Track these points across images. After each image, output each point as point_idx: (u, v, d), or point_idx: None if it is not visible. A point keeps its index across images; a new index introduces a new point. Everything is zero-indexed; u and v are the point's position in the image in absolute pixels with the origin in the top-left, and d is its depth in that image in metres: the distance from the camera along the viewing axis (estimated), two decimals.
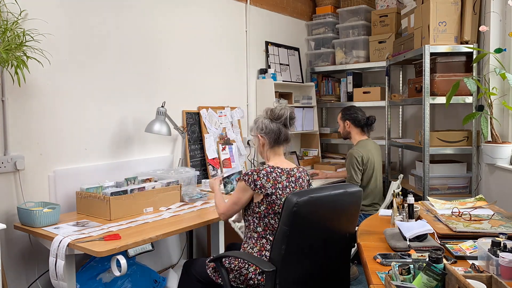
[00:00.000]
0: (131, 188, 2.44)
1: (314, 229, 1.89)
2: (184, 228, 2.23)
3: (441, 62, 3.39)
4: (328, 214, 1.92)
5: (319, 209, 1.87)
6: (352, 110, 3.43)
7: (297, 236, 1.83)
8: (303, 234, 1.85)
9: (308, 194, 1.82)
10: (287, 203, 1.80)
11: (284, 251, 1.81)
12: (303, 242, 1.87)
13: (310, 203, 1.81)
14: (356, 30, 4.32)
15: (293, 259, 1.86)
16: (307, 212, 1.81)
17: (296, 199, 1.78)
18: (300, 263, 1.89)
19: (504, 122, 3.14)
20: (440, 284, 1.30)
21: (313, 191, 1.87)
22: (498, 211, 2.31)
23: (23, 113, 2.39)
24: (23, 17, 2.33)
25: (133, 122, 2.98)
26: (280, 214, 1.83)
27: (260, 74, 4.04)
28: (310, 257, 1.92)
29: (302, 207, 1.78)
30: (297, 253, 1.87)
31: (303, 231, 1.85)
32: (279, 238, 1.83)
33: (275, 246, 1.85)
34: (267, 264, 1.85)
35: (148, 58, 3.07)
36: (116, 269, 1.97)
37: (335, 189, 1.93)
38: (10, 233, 2.35)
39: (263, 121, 2.16)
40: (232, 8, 3.78)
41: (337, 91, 4.57)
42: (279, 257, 1.83)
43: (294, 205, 1.77)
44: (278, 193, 2.03)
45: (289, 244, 1.82)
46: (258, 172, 2.04)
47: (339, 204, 1.94)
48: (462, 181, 3.46)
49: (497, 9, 3.12)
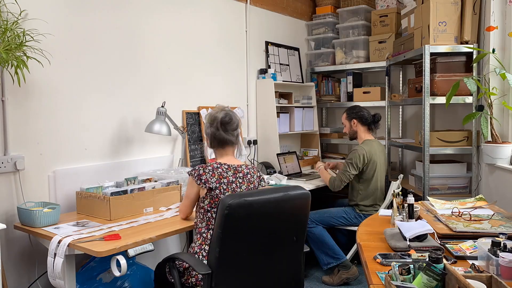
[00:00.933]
0: (131, 188, 2.44)
1: (251, 233, 1.83)
2: (184, 228, 2.23)
3: (441, 62, 3.39)
4: (267, 218, 1.85)
5: (255, 213, 1.81)
6: (357, 108, 3.42)
7: (231, 239, 1.79)
8: (237, 237, 1.80)
9: (242, 197, 1.77)
10: (220, 204, 1.76)
11: (218, 253, 1.78)
12: (238, 245, 1.82)
13: (244, 206, 1.76)
14: (356, 30, 4.31)
15: (229, 262, 1.81)
16: (240, 215, 1.76)
17: (229, 201, 1.73)
18: (238, 267, 1.85)
19: (504, 122, 3.14)
20: (440, 284, 1.30)
21: (249, 194, 1.83)
22: (498, 211, 2.31)
23: (23, 113, 2.39)
24: (23, 17, 2.33)
25: (133, 122, 2.98)
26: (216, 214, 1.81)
27: (260, 74, 4.04)
28: (250, 262, 1.87)
29: (235, 210, 1.73)
30: (233, 257, 1.82)
31: (238, 234, 1.80)
32: (213, 240, 1.81)
33: (211, 248, 1.84)
34: (203, 267, 1.84)
35: (148, 58, 3.07)
36: (116, 269, 1.97)
37: (275, 192, 1.87)
38: (10, 233, 2.35)
39: (205, 125, 2.27)
40: (232, 8, 3.78)
41: (337, 91, 4.57)
42: (214, 259, 1.80)
43: (226, 207, 1.73)
44: (223, 188, 2.07)
45: (223, 247, 1.78)
46: (204, 168, 2.10)
47: (280, 207, 1.87)
48: (462, 181, 3.46)
49: (497, 9, 3.12)
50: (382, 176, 3.36)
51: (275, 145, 3.87)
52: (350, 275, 3.18)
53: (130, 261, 2.54)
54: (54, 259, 1.96)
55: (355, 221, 3.26)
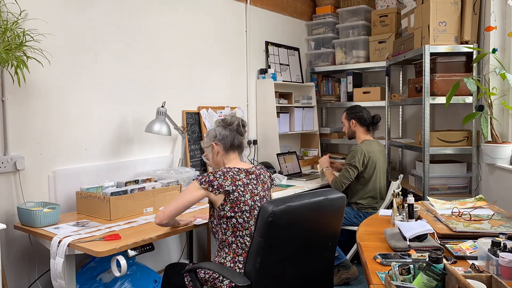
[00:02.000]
0: (131, 188, 2.44)
1: (293, 240, 1.76)
2: (184, 228, 2.23)
3: (441, 62, 3.39)
4: (308, 223, 1.78)
5: (298, 218, 1.73)
6: (357, 109, 3.42)
7: (273, 248, 1.70)
8: (280, 245, 1.72)
9: (286, 203, 1.69)
10: (262, 212, 1.68)
11: (259, 264, 1.69)
12: (280, 254, 1.74)
13: (288, 212, 1.68)
14: (356, 30, 4.31)
15: (270, 272, 1.73)
16: (284, 222, 1.68)
17: (272, 208, 1.65)
18: (278, 276, 1.77)
19: (504, 122, 3.14)
20: (440, 284, 1.30)
21: (291, 199, 1.74)
22: (498, 211, 2.31)
23: (23, 113, 2.39)
24: (23, 17, 2.33)
25: (133, 122, 2.98)
26: (255, 223, 1.73)
27: (260, 74, 4.04)
28: (289, 270, 1.79)
29: (278, 217, 1.65)
30: (274, 266, 1.74)
31: (281, 242, 1.71)
32: (253, 250, 1.71)
33: (250, 258, 1.74)
34: (241, 278, 1.75)
35: (148, 58, 3.07)
36: (116, 270, 1.97)
37: (315, 196, 1.80)
38: (10, 233, 2.35)
39: (216, 129, 2.18)
40: (232, 8, 3.78)
41: (337, 91, 4.57)
42: (254, 270, 1.71)
43: (269, 215, 1.64)
44: (240, 190, 1.98)
45: (264, 256, 1.69)
46: (214, 174, 1.99)
47: (320, 212, 1.81)
48: (462, 181, 3.46)
49: (497, 9, 3.12)
50: (382, 176, 3.36)
51: (275, 145, 3.87)
52: (350, 275, 3.17)
53: (130, 261, 2.54)
54: (55, 260, 1.96)
55: (355, 220, 3.26)
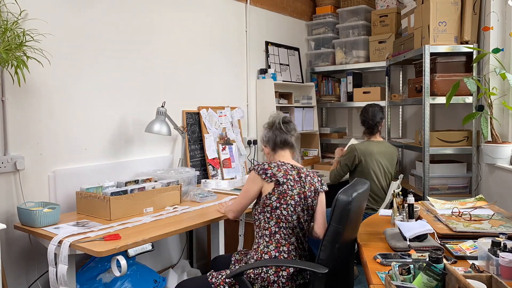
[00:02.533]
0: (131, 188, 2.44)
1: (354, 223, 1.97)
2: (184, 228, 2.23)
3: (441, 62, 3.39)
4: (361, 206, 2.02)
5: (360, 204, 1.97)
6: (363, 110, 3.32)
7: (346, 233, 1.88)
8: (350, 229, 1.92)
9: (355, 191, 1.89)
10: (339, 202, 1.82)
11: (337, 249, 1.84)
12: (349, 237, 1.96)
13: (359, 199, 1.89)
14: (356, 30, 4.31)
15: (343, 255, 1.92)
16: (356, 207, 1.88)
17: (349, 197, 1.83)
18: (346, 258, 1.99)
19: (504, 122, 3.14)
20: (440, 284, 1.30)
21: (354, 187, 1.93)
22: (498, 211, 2.31)
23: (23, 113, 2.39)
24: (23, 17, 2.33)
25: (133, 122, 2.98)
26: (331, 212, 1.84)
27: (260, 74, 4.04)
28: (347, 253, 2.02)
29: (354, 205, 1.84)
30: (346, 249, 1.94)
31: (350, 227, 1.91)
32: (329, 238, 1.84)
33: (326, 246, 1.85)
34: (319, 266, 1.82)
35: (148, 58, 3.07)
36: (116, 270, 1.97)
37: (363, 184, 2.05)
38: (10, 233, 2.35)
39: (263, 132, 2.27)
40: (232, 8, 3.78)
41: (337, 91, 4.57)
42: (331, 256, 1.84)
43: (348, 203, 1.81)
44: (290, 184, 2.03)
45: (341, 242, 1.86)
46: (268, 163, 2.09)
47: (364, 199, 2.06)
48: (462, 181, 3.46)
49: (497, 9, 3.12)
50: (382, 177, 3.26)
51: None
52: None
53: (130, 261, 2.54)
54: (57, 268, 1.95)
55: None
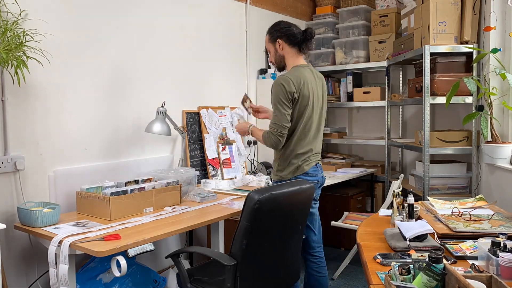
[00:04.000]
0: (131, 188, 2.44)
1: (273, 224, 2.02)
2: (184, 228, 2.23)
3: (441, 62, 3.39)
4: (285, 209, 2.06)
5: (278, 205, 2.00)
6: (282, 24, 2.54)
7: (258, 231, 1.95)
8: (263, 229, 1.98)
9: (269, 192, 1.95)
10: (249, 200, 1.91)
11: (245, 245, 1.93)
12: (263, 237, 2.00)
13: (271, 199, 1.94)
14: (356, 30, 4.32)
15: (254, 253, 1.98)
16: (267, 208, 1.93)
17: (258, 196, 1.89)
18: (259, 257, 2.03)
19: (504, 122, 3.14)
20: (440, 284, 1.30)
21: (272, 188, 1.99)
22: (498, 211, 2.31)
23: (23, 113, 2.39)
24: (23, 17, 2.33)
25: (133, 122, 2.98)
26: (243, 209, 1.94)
27: (260, 74, 4.04)
28: (268, 251, 2.06)
29: (263, 204, 1.90)
30: (257, 247, 1.99)
31: (264, 226, 1.97)
32: (240, 233, 1.94)
33: (236, 240, 1.95)
34: (227, 258, 1.95)
35: (148, 58, 3.07)
36: (116, 270, 1.97)
37: (291, 186, 2.08)
38: (10, 233, 2.35)
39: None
40: (232, 8, 3.78)
41: (337, 91, 4.57)
42: (239, 251, 1.94)
43: (256, 202, 1.88)
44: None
45: (250, 239, 1.93)
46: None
47: (295, 199, 2.09)
48: (462, 181, 3.46)
49: (497, 9, 3.13)
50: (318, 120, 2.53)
51: None
52: None
53: (130, 261, 2.54)
54: (58, 268, 1.95)
55: None
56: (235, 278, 1.94)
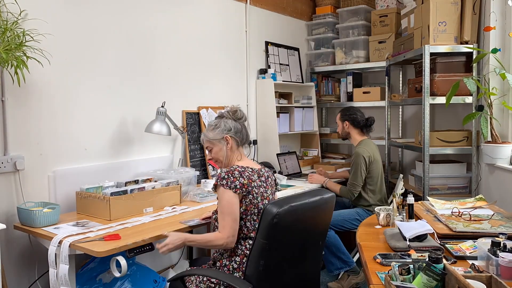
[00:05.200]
0: (131, 188, 2.44)
1: (293, 241, 1.76)
2: (184, 228, 2.23)
3: (441, 62, 3.39)
4: (307, 223, 1.81)
5: (299, 218, 1.75)
6: (351, 110, 3.36)
7: (276, 249, 1.70)
8: (282, 246, 1.72)
9: (288, 203, 1.70)
10: (266, 214, 1.66)
11: (262, 267, 1.68)
12: (281, 255, 1.74)
13: (291, 212, 1.69)
14: (356, 30, 4.31)
15: (271, 274, 1.73)
16: (287, 222, 1.69)
17: (276, 209, 1.65)
18: (277, 278, 1.77)
19: (504, 122, 3.14)
20: (440, 284, 1.30)
21: (292, 199, 1.75)
22: (498, 211, 2.31)
23: (23, 113, 2.39)
24: (23, 17, 2.33)
25: (133, 122, 2.98)
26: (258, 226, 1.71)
27: (260, 74, 4.04)
28: (287, 271, 1.80)
29: (282, 218, 1.65)
30: (275, 268, 1.74)
31: (282, 243, 1.72)
32: (256, 253, 1.69)
33: (252, 261, 1.71)
34: (242, 283, 1.71)
35: (148, 58, 3.07)
36: (116, 270, 1.97)
37: (313, 196, 1.83)
38: (10, 233, 2.35)
39: (227, 121, 2.07)
40: (232, 8, 3.78)
41: (337, 91, 4.57)
42: (256, 273, 1.69)
43: (274, 216, 1.63)
44: (255, 192, 1.93)
45: (268, 259, 1.68)
46: (232, 173, 1.91)
47: (316, 211, 1.85)
48: (462, 181, 3.46)
49: (497, 9, 3.12)
50: (383, 174, 3.35)
51: (275, 145, 3.87)
52: (360, 280, 3.11)
53: (130, 261, 2.54)
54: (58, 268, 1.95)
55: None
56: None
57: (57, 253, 1.96)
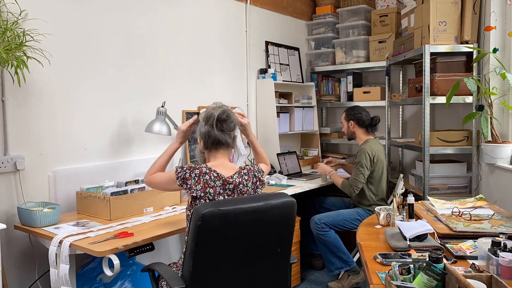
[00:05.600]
0: (131, 188, 2.45)
1: (228, 245, 1.70)
2: (184, 228, 2.23)
3: (441, 62, 3.39)
4: (244, 228, 1.71)
5: (232, 223, 1.67)
6: (356, 110, 3.37)
7: (205, 252, 1.67)
8: (212, 250, 1.68)
9: (218, 207, 1.64)
10: (194, 214, 1.63)
11: (192, 267, 1.66)
12: (214, 258, 1.70)
13: (219, 216, 1.63)
14: (356, 30, 4.31)
15: (205, 276, 1.70)
16: (214, 226, 1.64)
17: (203, 211, 1.61)
18: (216, 280, 1.73)
19: (504, 122, 3.14)
20: (440, 284, 1.30)
21: (225, 203, 1.69)
22: (498, 211, 2.31)
23: (23, 113, 2.39)
24: (23, 17, 2.33)
25: (133, 122, 2.98)
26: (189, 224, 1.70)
27: (260, 74, 4.04)
28: (230, 275, 1.75)
29: (208, 221, 1.61)
30: (209, 270, 1.71)
31: (214, 246, 1.67)
32: (187, 253, 1.70)
33: (185, 261, 1.72)
34: (176, 281, 1.72)
35: (148, 58, 3.07)
36: (108, 269, 1.95)
37: (254, 201, 1.73)
38: (10, 233, 2.35)
39: (200, 125, 2.06)
40: (232, 8, 3.78)
41: (337, 91, 4.57)
42: (187, 273, 1.69)
43: (199, 218, 1.60)
44: (208, 199, 1.87)
45: (197, 260, 1.66)
46: (191, 171, 1.91)
47: (259, 217, 1.73)
48: (462, 181, 3.46)
49: (497, 9, 3.12)
50: (386, 174, 3.34)
51: (275, 145, 3.87)
52: (360, 280, 3.11)
53: (130, 261, 2.54)
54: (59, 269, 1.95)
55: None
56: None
57: (58, 253, 1.96)
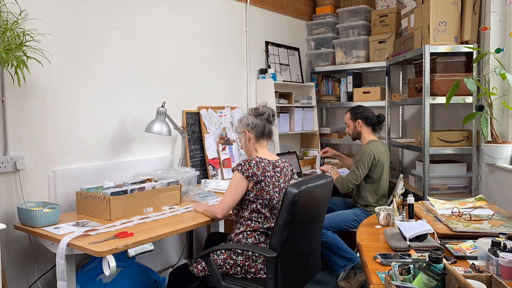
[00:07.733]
0: (131, 188, 2.44)
1: (308, 215, 2.14)
2: (184, 228, 2.23)
3: (441, 62, 3.39)
4: (316, 200, 2.19)
5: (313, 197, 2.14)
6: (361, 109, 3.31)
7: (296, 223, 2.04)
8: (300, 220, 2.07)
9: (305, 185, 2.04)
10: (288, 194, 1.99)
11: (285, 236, 2.00)
12: (299, 228, 2.09)
13: (307, 192, 2.04)
14: (356, 30, 4.32)
15: (292, 243, 2.06)
16: (305, 200, 2.03)
17: (297, 189, 1.98)
18: (296, 247, 2.12)
19: (504, 122, 3.14)
20: (440, 284, 1.30)
21: (306, 182, 2.09)
22: (498, 211, 2.31)
23: (23, 113, 2.39)
24: (23, 17, 2.33)
25: (133, 122, 2.98)
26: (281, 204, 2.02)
27: (260, 74, 4.04)
28: (303, 241, 2.17)
29: (302, 196, 1.99)
30: (295, 238, 2.08)
31: (300, 217, 2.06)
32: (280, 225, 2.01)
33: (276, 233, 2.02)
34: (269, 251, 2.02)
35: (148, 58, 3.07)
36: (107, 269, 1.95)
37: (320, 179, 2.20)
38: (10, 233, 2.35)
39: (248, 118, 2.41)
40: (232, 8, 3.78)
41: (337, 91, 4.57)
42: (280, 242, 2.01)
43: (296, 195, 1.97)
44: (267, 181, 2.24)
45: (289, 230, 2.01)
46: (249, 162, 2.24)
47: (323, 190, 2.23)
48: (462, 181, 3.46)
49: (497, 9, 3.13)
50: (388, 176, 3.31)
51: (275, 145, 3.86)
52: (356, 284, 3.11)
53: (130, 261, 2.54)
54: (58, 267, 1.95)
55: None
56: (276, 269, 2.00)
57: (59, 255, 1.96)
